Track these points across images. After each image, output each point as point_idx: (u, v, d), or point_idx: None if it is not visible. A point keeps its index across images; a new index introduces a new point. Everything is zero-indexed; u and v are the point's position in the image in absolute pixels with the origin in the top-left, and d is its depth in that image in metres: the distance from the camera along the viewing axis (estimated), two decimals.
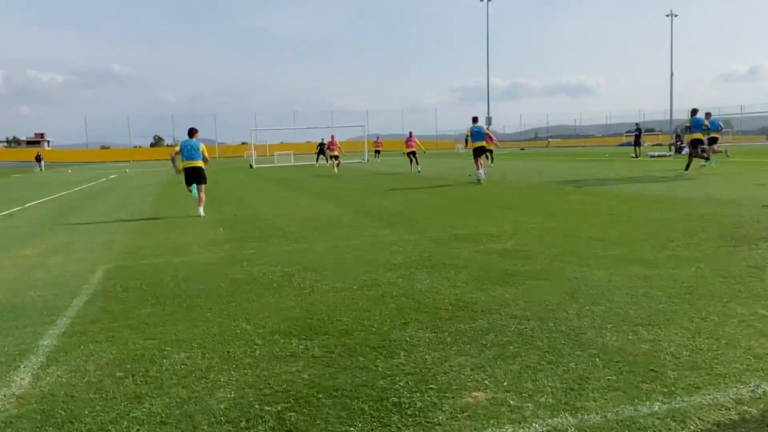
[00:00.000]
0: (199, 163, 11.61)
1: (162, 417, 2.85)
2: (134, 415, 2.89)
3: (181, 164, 11.59)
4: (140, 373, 3.41)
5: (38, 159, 52.87)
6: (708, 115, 19.24)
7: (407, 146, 24.80)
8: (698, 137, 17.62)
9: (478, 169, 16.88)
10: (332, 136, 29.75)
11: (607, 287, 4.77)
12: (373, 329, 4.00)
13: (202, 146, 11.82)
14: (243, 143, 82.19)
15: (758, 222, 7.57)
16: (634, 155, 31.06)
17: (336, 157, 27.46)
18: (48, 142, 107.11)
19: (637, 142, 32.36)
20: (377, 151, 43.82)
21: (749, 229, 7.16)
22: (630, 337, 3.62)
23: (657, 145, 52.88)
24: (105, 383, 3.29)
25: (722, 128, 23.63)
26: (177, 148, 11.85)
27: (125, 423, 2.81)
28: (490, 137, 20.50)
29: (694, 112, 17.80)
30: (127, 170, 41.06)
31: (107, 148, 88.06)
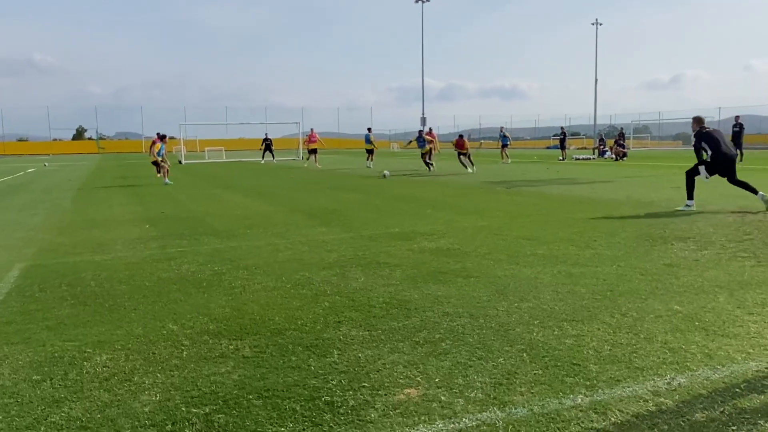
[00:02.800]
0: None
1: (82, 421, 2.72)
2: (52, 419, 2.74)
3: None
4: (59, 377, 3.24)
5: None
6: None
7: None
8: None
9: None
10: (311, 130, 29.67)
11: (535, 284, 4.92)
12: (307, 328, 3.97)
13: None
14: (171, 138, 79.84)
15: (673, 223, 8.01)
16: (561, 158, 32.19)
17: (315, 151, 27.77)
18: None
19: (562, 146, 33.57)
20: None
21: (665, 229, 7.55)
22: (555, 333, 3.74)
23: (582, 148, 55.05)
24: (20, 387, 3.11)
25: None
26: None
27: (42, 428, 2.66)
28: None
29: None
30: (46, 164, 39.00)
31: (25, 140, 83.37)
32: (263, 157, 35.43)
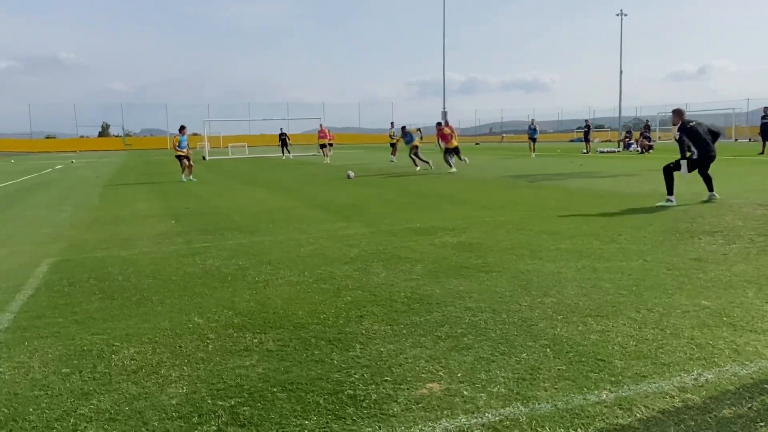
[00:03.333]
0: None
1: (111, 414, 2.78)
2: (81, 412, 2.80)
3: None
4: (88, 369, 3.31)
5: None
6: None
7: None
8: None
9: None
10: (321, 125, 30.06)
11: (558, 279, 4.88)
12: (329, 322, 3.99)
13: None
14: (195, 134, 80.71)
15: (701, 216, 7.87)
16: (585, 151, 31.83)
17: (328, 146, 28.11)
18: None
19: (586, 138, 33.18)
20: (329, 144, 43.54)
21: (692, 223, 7.43)
22: (579, 328, 3.71)
23: (606, 141, 54.35)
24: (50, 380, 3.18)
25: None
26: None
27: (72, 420, 2.72)
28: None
29: None
30: (73, 161, 39.69)
31: (53, 137, 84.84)
32: (283, 153, 35.66)
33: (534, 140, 29.42)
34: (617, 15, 66.21)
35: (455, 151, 19.10)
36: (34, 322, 4.19)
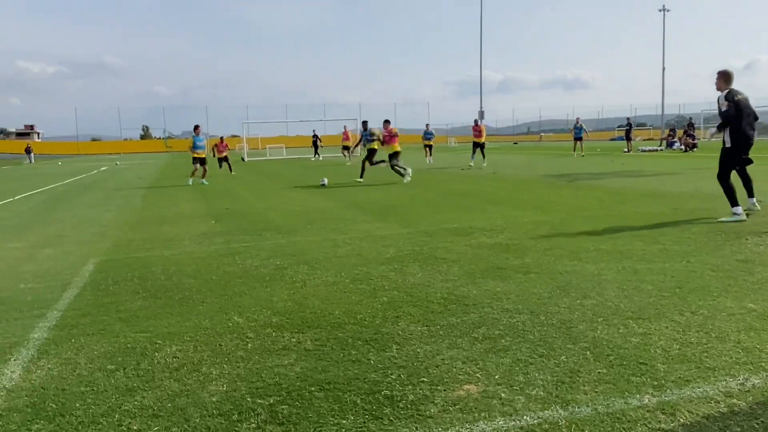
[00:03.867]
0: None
1: (154, 410, 2.85)
2: (126, 408, 2.88)
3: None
4: (131, 366, 3.40)
5: (28, 151, 52.35)
6: None
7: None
8: None
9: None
10: (345, 127, 30.12)
11: (598, 281, 4.79)
12: (366, 322, 4.01)
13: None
14: (234, 136, 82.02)
15: (747, 216, 7.62)
16: (626, 149, 31.19)
17: (347, 148, 28.16)
18: (38, 134, 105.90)
19: (628, 137, 32.50)
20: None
21: (738, 223, 7.20)
22: (620, 331, 3.64)
23: (648, 139, 53.10)
24: (96, 376, 3.28)
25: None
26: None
27: (116, 416, 2.80)
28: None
29: None
30: (118, 163, 40.81)
31: (98, 140, 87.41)
32: (314, 155, 35.87)
33: (579, 139, 28.07)
34: (660, 11, 64.69)
35: (394, 156, 15.91)
36: (81, 319, 4.33)
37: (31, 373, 3.35)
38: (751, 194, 7.85)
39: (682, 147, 29.59)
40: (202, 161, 17.82)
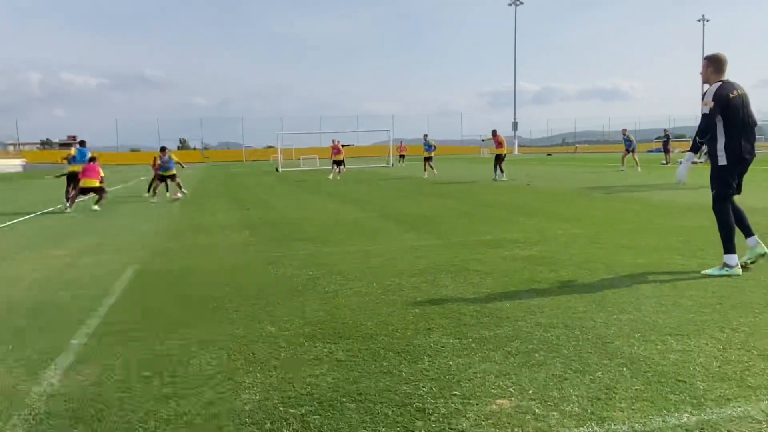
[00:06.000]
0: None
1: (188, 417, 2.88)
2: (161, 414, 2.93)
3: None
4: (167, 374, 3.45)
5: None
6: None
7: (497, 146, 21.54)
8: None
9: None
10: (337, 141, 28.13)
11: (636, 295, 4.70)
12: (397, 334, 4.00)
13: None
14: (269, 147, 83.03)
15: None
16: (664, 161, 30.57)
17: (340, 162, 25.94)
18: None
19: (666, 149, 31.84)
20: (402, 156, 43.98)
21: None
22: (658, 347, 3.56)
23: (687, 151, 51.98)
24: (133, 383, 3.34)
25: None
26: None
27: (152, 423, 2.85)
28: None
29: None
30: None
31: (137, 150, 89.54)
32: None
33: (630, 151, 24.71)
34: (698, 21, 63.47)
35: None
36: (119, 326, 4.42)
37: (71, 379, 3.43)
38: (748, 233, 5.68)
39: None
40: (171, 178, 17.22)
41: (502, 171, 20.71)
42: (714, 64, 5.51)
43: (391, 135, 46.68)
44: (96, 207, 14.16)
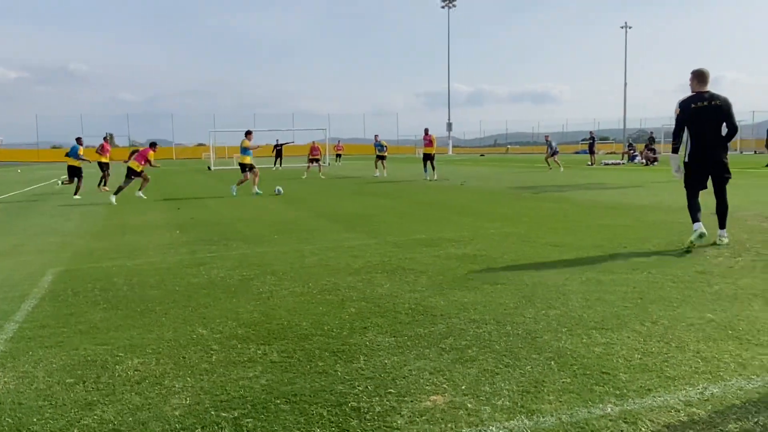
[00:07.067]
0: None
1: (114, 424, 2.77)
2: (85, 422, 2.80)
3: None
4: (91, 380, 3.31)
5: None
6: None
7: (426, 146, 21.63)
8: None
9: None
10: (314, 142, 28.83)
11: (563, 291, 4.87)
12: (333, 334, 3.98)
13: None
14: (200, 144, 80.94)
15: (707, 228, 7.83)
16: (589, 163, 31.82)
17: (317, 161, 26.25)
18: None
19: (591, 150, 33.17)
20: (338, 155, 43.95)
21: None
22: (584, 341, 3.70)
23: (611, 153, 54.28)
24: (54, 390, 3.18)
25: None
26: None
27: (75, 431, 2.72)
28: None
29: None
30: None
31: (59, 147, 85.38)
32: (275, 164, 35.10)
33: (553, 154, 27.31)
34: (621, 28, 66.44)
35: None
36: (39, 331, 4.20)
37: None
38: (721, 225, 6.78)
39: (643, 161, 30.32)
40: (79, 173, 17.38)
41: (433, 169, 20.88)
42: (696, 78, 6.60)
43: (327, 134, 46.46)
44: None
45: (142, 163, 15.49)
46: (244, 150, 16.49)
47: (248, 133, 16.95)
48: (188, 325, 4.27)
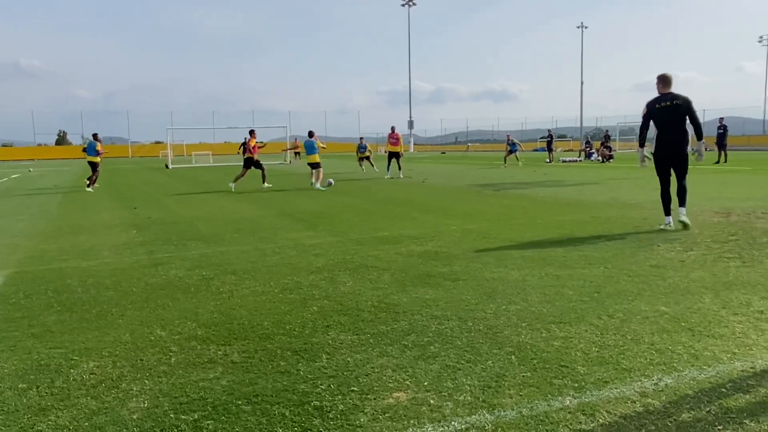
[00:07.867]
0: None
1: (69, 430, 2.70)
2: (39, 428, 2.71)
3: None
4: (45, 384, 3.21)
5: None
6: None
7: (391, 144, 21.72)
8: None
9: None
10: (295, 139, 29.19)
11: (523, 287, 4.94)
12: (295, 333, 3.96)
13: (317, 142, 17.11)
14: (157, 142, 79.36)
15: (659, 224, 8.06)
16: (548, 160, 32.38)
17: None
18: None
19: (549, 148, 33.76)
20: (297, 153, 43.63)
21: (651, 230, 7.61)
22: (543, 335, 3.76)
23: (568, 150, 55.37)
24: (6, 395, 3.08)
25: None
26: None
27: None
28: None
29: None
30: (31, 169, 38.61)
31: (9, 145, 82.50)
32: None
33: (514, 152, 29.00)
34: (578, 27, 67.86)
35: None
36: None
37: None
38: (681, 203, 7.58)
39: (600, 158, 31.02)
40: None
41: (399, 168, 20.91)
42: (661, 81, 7.54)
43: (288, 132, 46.09)
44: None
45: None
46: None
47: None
48: (146, 326, 4.18)
